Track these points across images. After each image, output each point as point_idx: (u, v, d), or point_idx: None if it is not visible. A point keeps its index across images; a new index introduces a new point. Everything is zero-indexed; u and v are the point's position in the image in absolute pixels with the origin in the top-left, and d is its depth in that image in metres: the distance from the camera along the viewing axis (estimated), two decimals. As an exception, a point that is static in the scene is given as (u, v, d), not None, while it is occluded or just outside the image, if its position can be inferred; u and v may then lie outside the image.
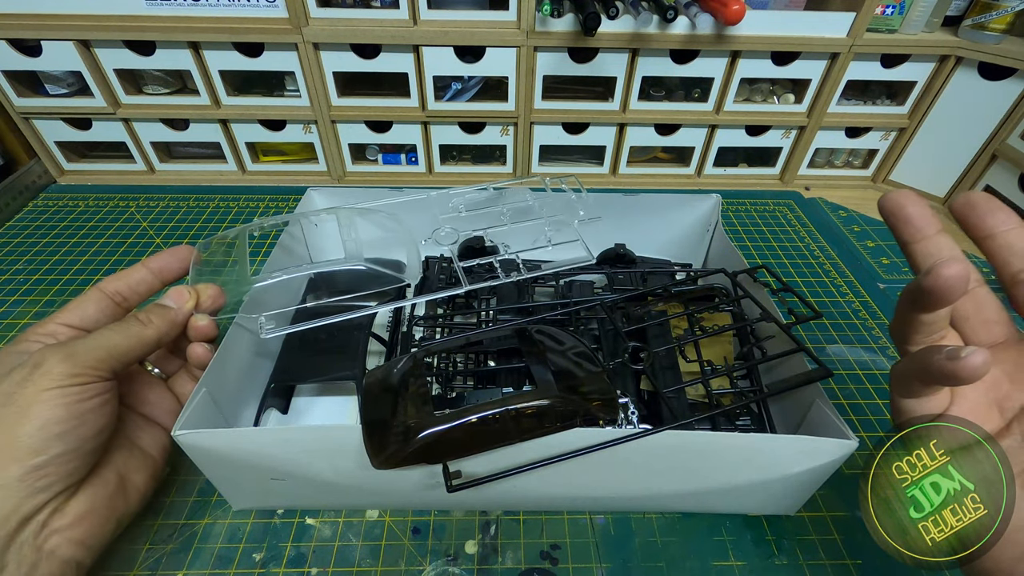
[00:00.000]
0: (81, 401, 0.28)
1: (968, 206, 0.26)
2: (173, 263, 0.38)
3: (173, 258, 0.38)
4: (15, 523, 0.27)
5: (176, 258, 0.38)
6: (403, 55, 0.63)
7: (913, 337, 0.26)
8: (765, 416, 0.38)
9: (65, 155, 0.72)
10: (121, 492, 0.31)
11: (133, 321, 0.33)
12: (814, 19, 0.62)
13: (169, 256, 0.38)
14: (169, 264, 0.37)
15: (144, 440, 0.34)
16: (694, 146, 0.73)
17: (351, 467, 0.32)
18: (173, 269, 0.37)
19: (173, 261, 0.38)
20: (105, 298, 0.34)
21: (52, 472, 0.27)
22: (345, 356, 0.42)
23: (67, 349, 0.29)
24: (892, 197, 0.27)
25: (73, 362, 0.28)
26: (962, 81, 0.65)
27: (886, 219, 0.28)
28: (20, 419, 0.27)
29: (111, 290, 0.35)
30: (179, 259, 0.38)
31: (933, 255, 0.27)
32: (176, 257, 0.38)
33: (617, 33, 0.61)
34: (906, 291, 0.25)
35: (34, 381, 0.27)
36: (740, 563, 0.36)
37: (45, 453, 0.27)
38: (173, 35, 0.60)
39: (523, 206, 0.47)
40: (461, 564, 0.35)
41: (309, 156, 0.75)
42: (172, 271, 0.37)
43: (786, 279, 0.46)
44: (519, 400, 0.31)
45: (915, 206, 0.27)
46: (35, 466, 0.27)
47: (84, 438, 0.28)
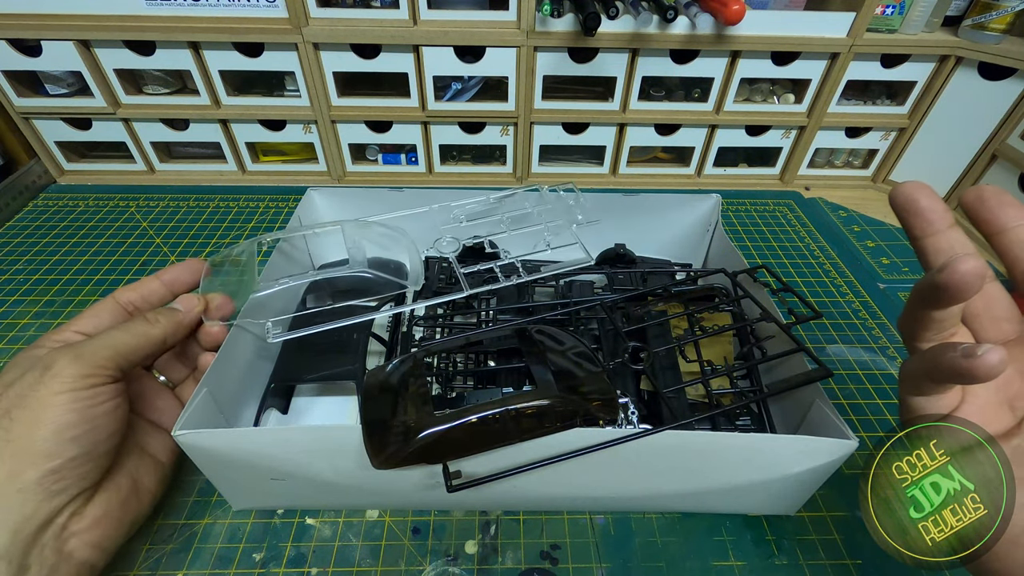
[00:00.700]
0: (93, 406, 0.29)
1: (979, 200, 0.26)
2: (184, 275, 0.39)
3: (185, 271, 0.39)
4: (35, 526, 0.27)
5: (188, 271, 0.39)
6: (403, 55, 0.63)
7: (923, 334, 0.26)
8: (765, 416, 0.38)
9: (65, 155, 0.72)
10: (134, 495, 0.32)
11: (140, 320, 0.33)
12: (814, 19, 0.62)
13: (181, 269, 0.39)
14: (180, 276, 0.38)
15: (153, 445, 0.35)
16: (694, 146, 0.73)
17: (351, 467, 0.32)
18: (184, 281, 0.38)
19: (185, 273, 0.39)
20: (119, 307, 0.35)
21: (67, 475, 0.28)
22: (345, 356, 0.42)
23: (76, 350, 0.29)
24: (904, 189, 0.26)
25: (82, 363, 0.29)
26: (962, 81, 0.65)
27: (897, 212, 0.27)
28: (35, 423, 0.27)
29: (124, 300, 0.36)
30: (191, 271, 0.39)
31: (945, 251, 0.26)
32: (188, 270, 0.39)
33: (617, 33, 0.61)
34: (917, 287, 0.25)
35: (46, 384, 0.28)
36: (740, 563, 0.36)
37: (60, 457, 0.28)
38: (173, 35, 0.60)
39: (522, 213, 0.48)
40: (461, 564, 0.35)
41: (309, 156, 0.75)
42: (183, 283, 0.38)
43: (786, 279, 0.46)
44: (519, 400, 0.31)
45: (928, 199, 0.26)
46: (51, 470, 0.27)
47: (97, 441, 0.29)
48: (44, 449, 0.27)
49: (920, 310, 0.25)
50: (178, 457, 0.36)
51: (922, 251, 0.27)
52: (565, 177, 0.75)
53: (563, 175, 0.76)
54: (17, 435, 0.27)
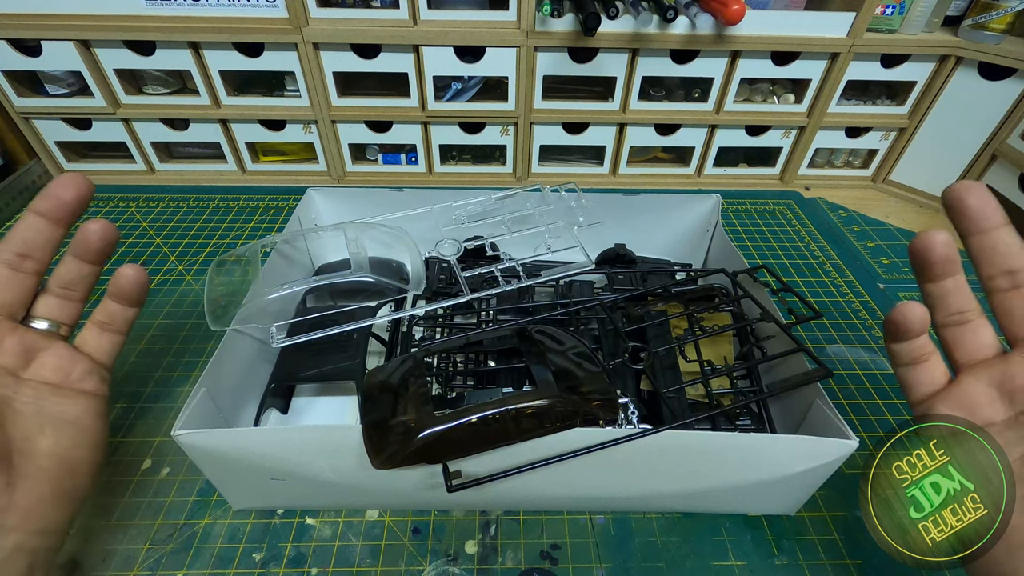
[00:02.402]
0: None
1: (959, 200, 0.27)
2: (66, 193, 0.29)
3: (61, 188, 0.29)
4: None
5: (65, 186, 0.29)
6: (403, 55, 0.63)
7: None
8: (765, 416, 0.38)
9: (65, 155, 0.72)
10: (67, 474, 0.29)
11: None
12: (814, 19, 0.62)
13: (57, 187, 0.29)
14: (62, 195, 0.29)
15: (69, 411, 0.29)
16: (694, 146, 0.73)
17: (351, 467, 0.32)
18: (67, 201, 0.29)
19: (62, 190, 0.29)
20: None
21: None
22: (345, 356, 0.42)
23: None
24: (953, 189, 0.27)
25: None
26: (962, 81, 0.65)
27: (947, 212, 0.28)
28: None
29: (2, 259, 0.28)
30: (73, 186, 0.29)
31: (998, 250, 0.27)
32: (66, 185, 0.29)
33: (617, 33, 0.61)
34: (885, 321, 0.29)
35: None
36: (740, 563, 0.36)
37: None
38: (173, 35, 0.60)
39: (523, 214, 0.48)
40: (461, 564, 0.35)
41: (309, 156, 0.75)
42: (68, 206, 0.29)
43: (786, 279, 0.46)
44: (519, 400, 0.31)
45: (979, 198, 0.27)
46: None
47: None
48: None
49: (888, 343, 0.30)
50: (106, 418, 0.31)
51: (970, 249, 0.28)
52: (565, 177, 0.75)
53: (563, 175, 0.76)
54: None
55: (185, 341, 0.50)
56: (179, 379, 0.47)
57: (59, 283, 0.31)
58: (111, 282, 0.32)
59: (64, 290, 0.31)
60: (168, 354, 0.49)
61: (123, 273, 0.32)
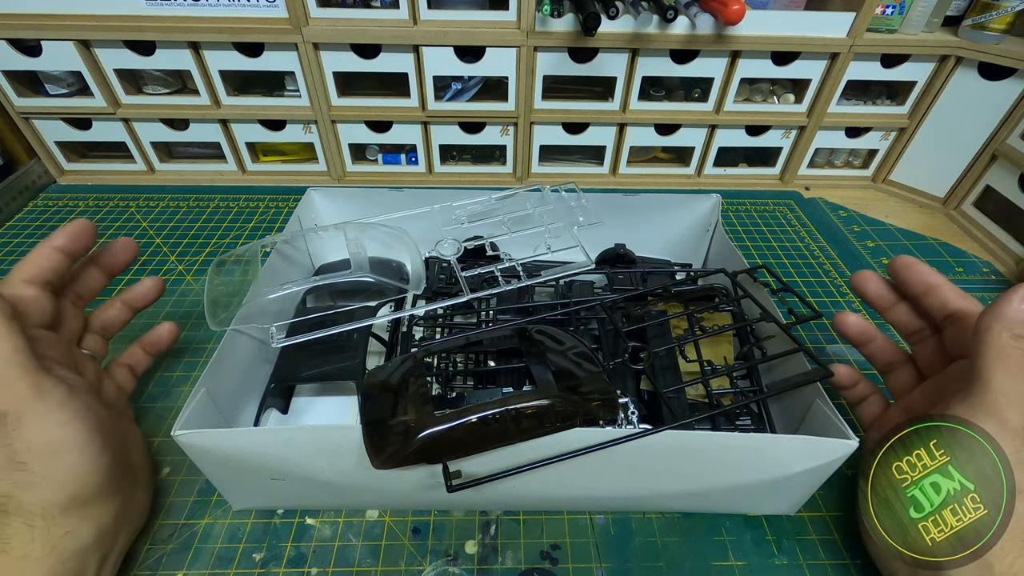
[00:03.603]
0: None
1: (904, 268, 0.35)
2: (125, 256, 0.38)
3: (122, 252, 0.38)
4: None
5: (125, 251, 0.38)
6: (403, 55, 0.63)
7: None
8: (765, 416, 0.38)
9: (65, 155, 0.72)
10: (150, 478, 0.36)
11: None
12: (814, 19, 0.62)
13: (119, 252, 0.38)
14: (120, 259, 0.38)
15: (131, 429, 0.36)
16: (694, 146, 0.73)
17: (351, 467, 0.32)
18: (122, 263, 0.38)
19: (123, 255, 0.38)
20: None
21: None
22: (345, 356, 0.42)
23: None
24: (853, 282, 0.39)
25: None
26: (962, 81, 0.65)
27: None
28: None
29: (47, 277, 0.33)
30: (132, 252, 0.38)
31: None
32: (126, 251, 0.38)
33: (617, 33, 0.61)
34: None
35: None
36: (740, 563, 0.36)
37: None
38: (173, 35, 0.60)
39: (523, 214, 0.48)
40: (461, 564, 0.35)
41: (309, 156, 0.75)
42: (120, 267, 0.38)
43: (786, 279, 0.46)
44: (519, 400, 0.31)
45: (874, 287, 0.38)
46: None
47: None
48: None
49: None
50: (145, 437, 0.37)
51: (884, 319, 0.38)
52: (565, 177, 0.75)
53: (563, 175, 0.76)
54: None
55: (185, 341, 0.50)
56: (179, 379, 0.47)
57: (100, 323, 0.38)
58: (148, 335, 0.40)
59: (103, 328, 0.38)
60: (168, 354, 0.49)
61: (160, 332, 0.41)
